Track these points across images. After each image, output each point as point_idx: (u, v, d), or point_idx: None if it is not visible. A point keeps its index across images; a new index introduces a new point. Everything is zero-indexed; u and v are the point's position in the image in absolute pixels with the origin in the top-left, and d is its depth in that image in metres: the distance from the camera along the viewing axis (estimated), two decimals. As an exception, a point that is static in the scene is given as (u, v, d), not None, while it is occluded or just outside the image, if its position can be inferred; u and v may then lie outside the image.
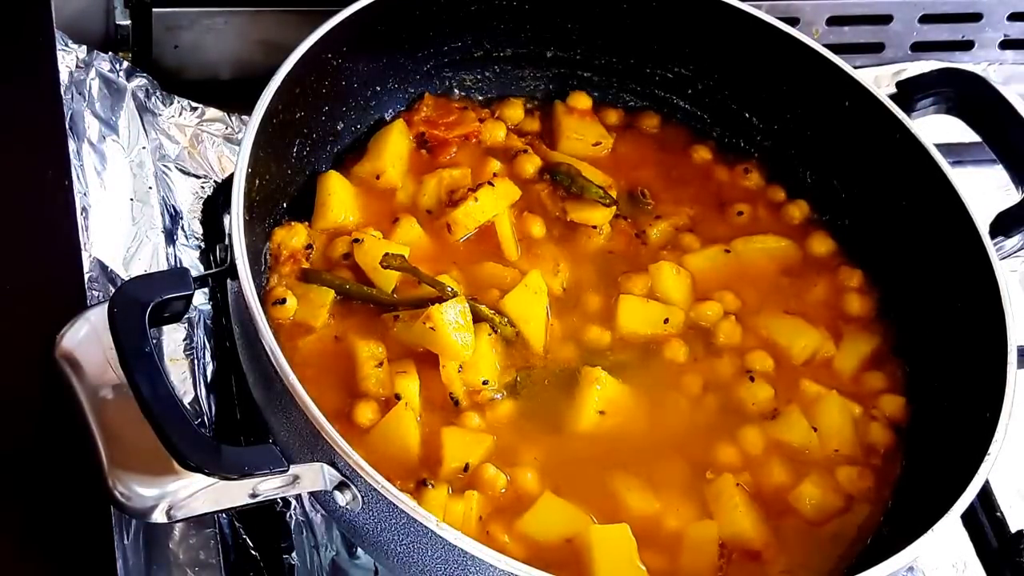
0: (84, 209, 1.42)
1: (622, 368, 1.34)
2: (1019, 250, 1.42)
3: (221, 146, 1.60)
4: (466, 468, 1.23)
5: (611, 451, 1.28)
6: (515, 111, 1.54)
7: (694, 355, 1.37)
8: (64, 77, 1.52)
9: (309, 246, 1.35)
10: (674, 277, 1.40)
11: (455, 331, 1.25)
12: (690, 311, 1.40)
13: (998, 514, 1.45)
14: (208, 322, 1.43)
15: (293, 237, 1.33)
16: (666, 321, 1.38)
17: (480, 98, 1.55)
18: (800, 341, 1.39)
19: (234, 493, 1.09)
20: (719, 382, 1.36)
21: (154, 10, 1.60)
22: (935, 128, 1.48)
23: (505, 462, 1.25)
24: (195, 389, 1.37)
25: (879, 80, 1.51)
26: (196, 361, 1.39)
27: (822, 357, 1.40)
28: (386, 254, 1.29)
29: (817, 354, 1.39)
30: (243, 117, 1.62)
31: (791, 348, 1.39)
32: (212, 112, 1.62)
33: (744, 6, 1.49)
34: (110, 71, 1.58)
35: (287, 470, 1.07)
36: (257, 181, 1.25)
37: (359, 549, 1.31)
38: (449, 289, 1.28)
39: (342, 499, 1.10)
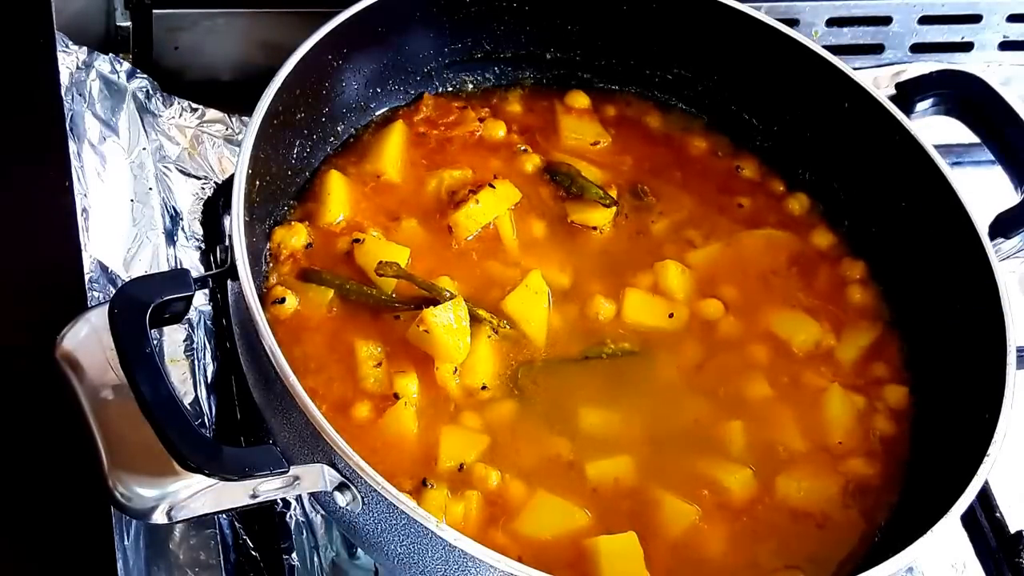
0: (84, 210, 1.42)
1: (625, 364, 1.34)
2: (1018, 251, 1.42)
3: (221, 147, 1.60)
4: (461, 468, 1.23)
5: (611, 449, 1.29)
6: (514, 108, 1.54)
7: (696, 349, 1.37)
8: (64, 78, 1.52)
9: (309, 245, 1.35)
10: (679, 276, 1.41)
11: (449, 334, 1.25)
12: (692, 306, 1.40)
13: (997, 515, 1.45)
14: (208, 323, 1.43)
15: (293, 237, 1.34)
16: (671, 316, 1.38)
17: (479, 97, 1.55)
18: (801, 334, 1.39)
19: (234, 494, 1.09)
20: (721, 376, 1.36)
21: (154, 11, 1.60)
22: (934, 129, 1.48)
23: (503, 462, 1.25)
24: (195, 390, 1.37)
25: (878, 81, 1.51)
26: (196, 362, 1.39)
27: (824, 349, 1.40)
28: (380, 262, 1.29)
29: (819, 346, 1.40)
30: (243, 118, 1.62)
31: (792, 341, 1.39)
32: (212, 113, 1.62)
33: (743, 7, 1.49)
34: (110, 72, 1.58)
35: (287, 471, 1.07)
36: (257, 182, 1.25)
37: (359, 550, 1.31)
38: (447, 292, 1.28)
39: (342, 500, 1.10)
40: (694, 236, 1.46)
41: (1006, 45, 1.91)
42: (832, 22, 1.82)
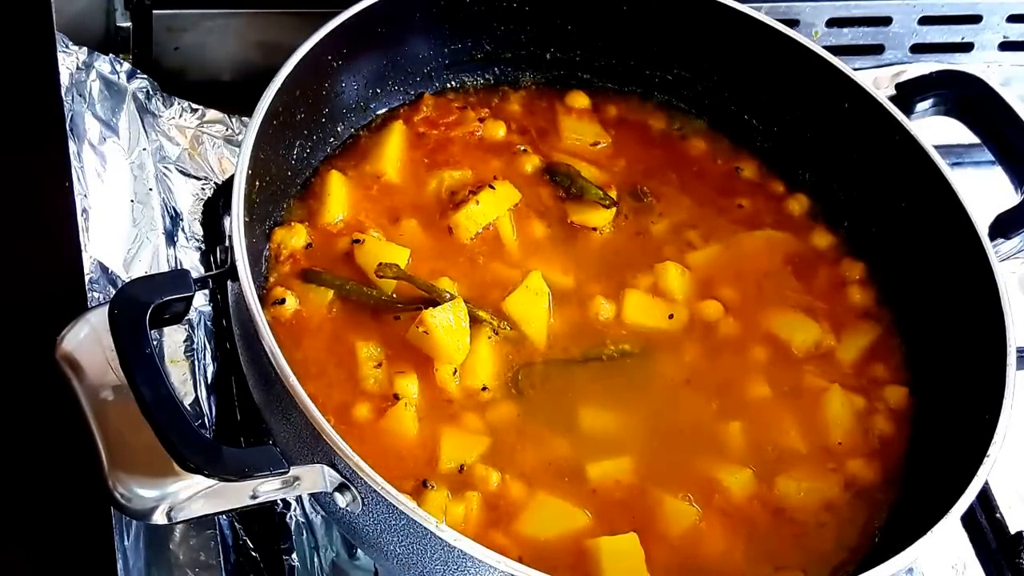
0: (85, 211, 1.42)
1: (625, 364, 1.34)
2: (1018, 252, 1.42)
3: (221, 148, 1.60)
4: (461, 469, 1.23)
5: (613, 448, 1.29)
6: (514, 108, 1.54)
7: (696, 350, 1.37)
8: (64, 79, 1.52)
9: (309, 245, 1.35)
10: (679, 277, 1.41)
11: (448, 335, 1.25)
12: (692, 307, 1.40)
13: (997, 515, 1.45)
14: (208, 323, 1.43)
15: (293, 237, 1.34)
16: (670, 317, 1.38)
17: (479, 97, 1.55)
18: (800, 335, 1.39)
19: (234, 494, 1.09)
20: (721, 377, 1.36)
21: (155, 12, 1.60)
22: (934, 129, 1.48)
23: (504, 463, 1.25)
24: (195, 390, 1.37)
25: (878, 82, 1.51)
26: (196, 362, 1.39)
27: (824, 349, 1.40)
28: (380, 264, 1.29)
29: (818, 347, 1.40)
30: (243, 119, 1.62)
31: (792, 341, 1.39)
32: (212, 114, 1.62)
33: (743, 8, 1.49)
34: (111, 73, 1.58)
35: (287, 471, 1.07)
36: (257, 182, 1.25)
37: (359, 550, 1.31)
38: (446, 293, 1.28)
39: (342, 500, 1.10)
40: (694, 237, 1.46)
41: (1006, 45, 1.91)
42: (832, 22, 1.82)
